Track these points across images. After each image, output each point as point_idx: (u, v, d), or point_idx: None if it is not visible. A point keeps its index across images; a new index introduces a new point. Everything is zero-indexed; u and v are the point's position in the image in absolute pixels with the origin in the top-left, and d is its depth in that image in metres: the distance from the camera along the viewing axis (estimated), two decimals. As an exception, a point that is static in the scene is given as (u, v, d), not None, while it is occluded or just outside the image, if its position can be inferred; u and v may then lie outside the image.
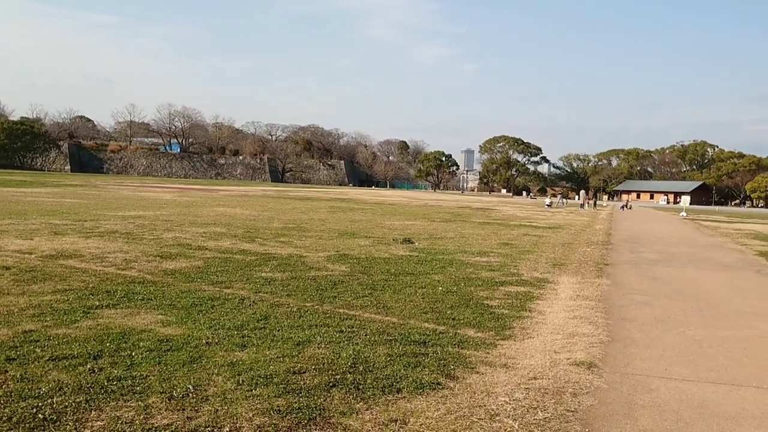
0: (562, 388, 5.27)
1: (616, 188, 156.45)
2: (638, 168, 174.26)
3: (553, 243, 19.16)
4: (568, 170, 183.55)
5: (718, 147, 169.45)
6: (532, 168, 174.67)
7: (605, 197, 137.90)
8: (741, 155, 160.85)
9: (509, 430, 4.35)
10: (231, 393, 4.74)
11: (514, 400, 4.94)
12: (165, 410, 4.37)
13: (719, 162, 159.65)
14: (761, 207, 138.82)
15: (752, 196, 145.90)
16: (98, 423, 4.13)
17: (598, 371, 5.84)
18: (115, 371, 5.09)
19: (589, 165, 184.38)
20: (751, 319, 8.74)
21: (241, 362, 5.47)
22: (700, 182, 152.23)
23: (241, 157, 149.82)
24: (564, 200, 75.02)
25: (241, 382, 4.97)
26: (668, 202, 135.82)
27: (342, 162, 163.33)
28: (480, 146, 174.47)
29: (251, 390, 4.82)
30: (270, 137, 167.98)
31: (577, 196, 74.08)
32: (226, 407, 4.47)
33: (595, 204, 69.31)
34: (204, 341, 6.07)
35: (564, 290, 10.36)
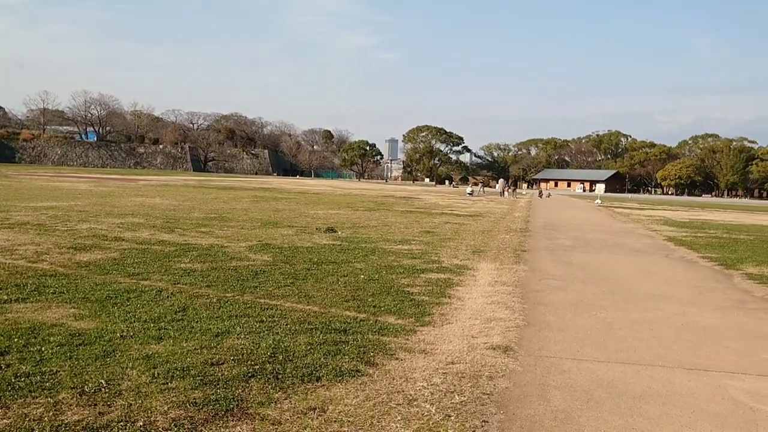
0: (479, 372, 5.38)
1: (535, 177, 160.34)
2: (556, 157, 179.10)
3: (473, 230, 19.50)
4: (489, 159, 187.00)
5: (631, 137, 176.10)
6: (454, 157, 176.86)
7: (524, 186, 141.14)
8: (652, 144, 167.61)
9: (426, 414, 4.42)
10: (145, 387, 4.63)
11: (432, 384, 5.01)
12: (76, 406, 4.24)
13: (632, 151, 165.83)
14: (671, 194, 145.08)
15: (663, 183, 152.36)
16: (4, 421, 3.97)
17: (514, 354, 5.99)
18: (24, 367, 4.90)
19: (510, 154, 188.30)
20: (659, 302, 9.14)
21: (156, 355, 5.35)
22: (615, 171, 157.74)
23: (161, 146, 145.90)
24: (484, 189, 76.51)
25: (156, 375, 4.86)
26: (584, 190, 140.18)
27: (266, 151, 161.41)
28: (404, 136, 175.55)
29: (167, 383, 4.72)
30: (191, 126, 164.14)
31: (497, 185, 75.59)
32: (140, 401, 4.37)
33: (513, 192, 70.79)
34: (118, 334, 5.90)
35: (483, 276, 10.57)
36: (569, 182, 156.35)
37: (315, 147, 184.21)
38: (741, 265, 13.48)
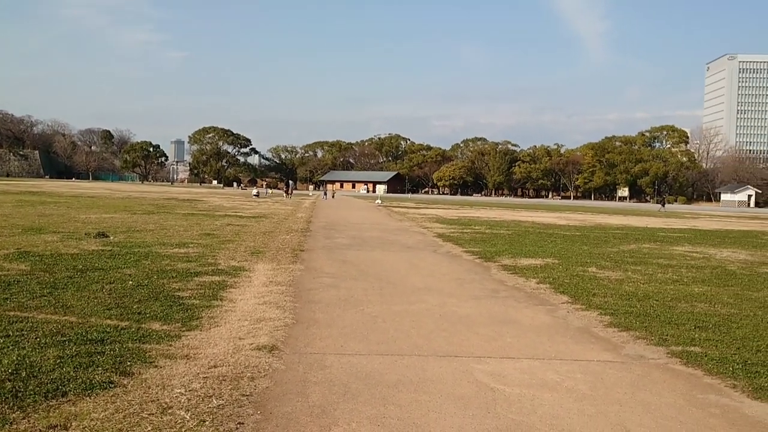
0: (241, 374, 5.35)
1: (321, 178, 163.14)
2: (341, 159, 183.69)
3: (254, 232, 19.37)
4: (278, 161, 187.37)
5: (410, 140, 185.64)
6: (242, 159, 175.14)
7: (311, 187, 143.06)
8: (429, 147, 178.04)
9: (180, 421, 4.30)
10: None
11: (190, 390, 4.89)
12: None
13: (411, 153, 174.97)
14: (446, 194, 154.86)
15: (438, 183, 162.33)
16: None
17: (279, 353, 6.03)
18: None
19: (297, 156, 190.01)
20: (422, 294, 9.69)
21: None
22: (395, 172, 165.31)
23: None
24: (269, 190, 76.45)
25: None
26: (368, 191, 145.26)
27: (36, 152, 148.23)
28: (190, 137, 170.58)
29: None
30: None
31: (285, 187, 75.85)
32: None
33: (288, 193, 70.92)
34: None
35: (258, 277, 10.53)
36: (354, 183, 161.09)
37: (93, 148, 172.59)
38: (498, 257, 14.72)
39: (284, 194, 65.43)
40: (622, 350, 6.78)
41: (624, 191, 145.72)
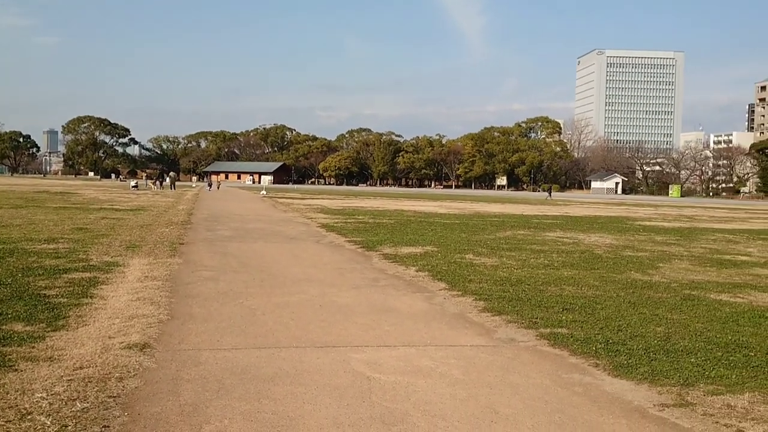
0: (109, 374, 5.13)
1: (206, 169, 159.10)
2: (226, 149, 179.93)
3: (131, 225, 18.65)
4: (159, 152, 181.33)
5: (295, 130, 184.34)
6: (121, 150, 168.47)
7: (194, 178, 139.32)
8: (315, 138, 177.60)
9: (40, 427, 4.08)
10: None
11: (52, 394, 4.65)
12: None
13: (297, 144, 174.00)
14: (332, 184, 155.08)
15: (325, 174, 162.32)
16: None
17: (151, 351, 5.83)
18: None
19: (180, 147, 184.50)
20: (303, 285, 9.66)
21: None
22: (281, 163, 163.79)
23: None
24: (153, 182, 73.98)
25: None
26: (254, 182, 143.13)
27: None
28: (63, 127, 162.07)
29: None
30: None
31: (168, 178, 73.56)
32: None
33: (161, 185, 69.15)
34: None
35: (133, 272, 10.15)
36: (239, 174, 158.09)
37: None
38: (380, 246, 14.90)
39: (154, 186, 63.98)
40: (495, 334, 7.03)
41: (502, 180, 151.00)
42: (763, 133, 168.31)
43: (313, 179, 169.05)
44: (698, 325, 7.53)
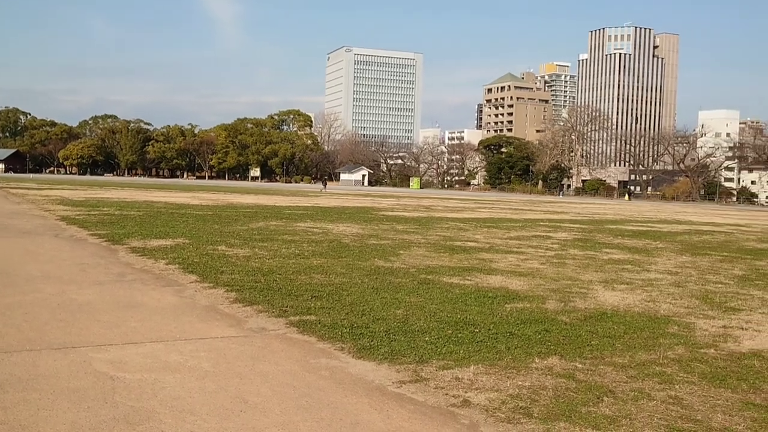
0: None
1: None
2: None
3: None
4: None
5: (31, 114, 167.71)
6: None
7: None
8: (54, 123, 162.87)
9: None
10: None
11: None
12: None
13: (33, 129, 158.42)
14: (74, 174, 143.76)
15: (65, 163, 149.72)
16: None
17: None
18: None
19: None
20: (39, 283, 8.94)
21: None
22: (15, 150, 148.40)
23: None
24: None
25: None
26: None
27: None
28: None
29: None
30: None
31: None
32: None
33: None
34: None
35: None
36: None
37: None
38: (127, 239, 14.20)
39: None
40: (246, 324, 7.11)
41: (256, 171, 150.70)
42: (489, 131, 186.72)
43: (52, 168, 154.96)
44: (433, 307, 8.25)
